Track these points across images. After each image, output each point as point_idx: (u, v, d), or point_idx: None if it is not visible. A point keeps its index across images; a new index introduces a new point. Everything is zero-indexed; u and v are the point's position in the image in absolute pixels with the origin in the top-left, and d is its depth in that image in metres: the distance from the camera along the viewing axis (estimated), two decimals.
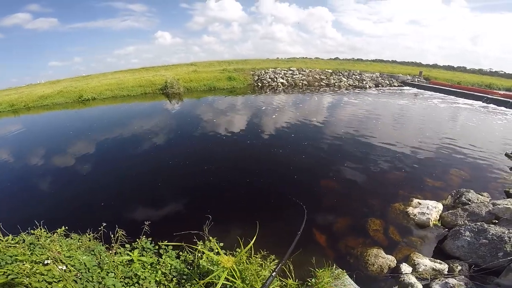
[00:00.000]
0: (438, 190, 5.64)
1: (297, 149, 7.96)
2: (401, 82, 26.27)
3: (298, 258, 3.33)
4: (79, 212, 5.05)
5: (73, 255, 2.15)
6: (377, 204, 5.13)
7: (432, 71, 35.20)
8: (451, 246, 3.81)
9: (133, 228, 2.77)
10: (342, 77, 26.04)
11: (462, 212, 4.43)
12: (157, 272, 2.37)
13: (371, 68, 33.05)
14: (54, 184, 6.46)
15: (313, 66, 30.90)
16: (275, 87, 22.71)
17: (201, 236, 2.83)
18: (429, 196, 5.28)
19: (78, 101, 19.45)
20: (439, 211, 4.69)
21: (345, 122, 11.38)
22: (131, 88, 20.97)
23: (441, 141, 8.97)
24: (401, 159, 7.28)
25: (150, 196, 5.57)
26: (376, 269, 3.57)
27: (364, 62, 45.64)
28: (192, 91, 20.92)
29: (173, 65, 36.27)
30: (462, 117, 13.67)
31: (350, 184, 5.92)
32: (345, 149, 7.98)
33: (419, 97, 19.84)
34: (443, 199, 5.19)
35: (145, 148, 8.47)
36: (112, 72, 35.82)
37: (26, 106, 19.12)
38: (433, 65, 45.38)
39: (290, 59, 43.99)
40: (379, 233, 4.34)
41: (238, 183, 5.98)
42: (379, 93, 20.99)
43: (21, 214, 4.78)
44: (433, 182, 6.00)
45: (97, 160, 7.81)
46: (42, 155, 8.51)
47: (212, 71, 26.35)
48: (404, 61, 49.04)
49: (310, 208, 4.95)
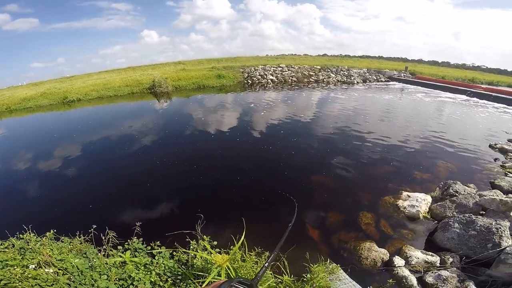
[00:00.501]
0: (426, 183, 5.76)
1: (287, 145, 7.96)
2: (388, 77, 26.77)
3: (293, 254, 3.33)
4: (68, 215, 4.90)
5: (65, 258, 2.13)
6: (368, 197, 5.20)
7: (417, 66, 36.05)
8: (441, 238, 3.88)
9: (124, 229, 2.72)
10: (330, 73, 26.26)
11: (450, 204, 4.53)
12: (151, 273, 2.34)
13: (358, 64, 33.49)
14: (41, 188, 6.24)
15: (302, 62, 31.00)
16: (264, 84, 22.68)
17: (194, 236, 2.80)
18: (418, 189, 5.39)
19: (63, 102, 18.81)
20: (428, 203, 4.78)
21: (334, 117, 11.48)
22: (118, 88, 20.44)
23: (427, 134, 9.18)
24: (390, 152, 7.40)
25: (140, 197, 5.45)
26: (370, 262, 3.61)
27: (351, 58, 46.20)
28: (181, 89, 20.62)
29: (161, 64, 35.61)
30: (447, 111, 14.06)
31: (341, 179, 5.97)
32: (334, 144, 8.05)
33: (405, 91, 20.26)
34: (431, 191, 5.30)
35: (133, 148, 8.27)
36: (97, 72, 34.82)
37: (8, 109, 18.34)
38: (418, 60, 46.53)
39: (279, 56, 43.99)
40: (371, 226, 4.39)
41: (228, 181, 5.93)
42: (366, 88, 21.31)
43: (8, 219, 4.63)
44: (421, 174, 6.12)
45: (84, 162, 7.57)
46: (27, 159, 8.18)
47: (201, 69, 26.03)
48: (390, 57, 50.06)
49: (301, 204, 4.98)
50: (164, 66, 32.74)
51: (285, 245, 3.35)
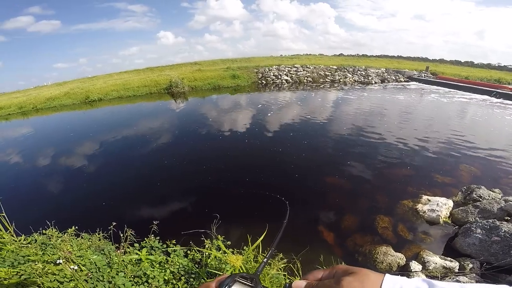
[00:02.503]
0: (448, 187, 5.55)
1: (299, 147, 7.89)
2: (407, 77, 25.93)
3: (306, 256, 3.33)
4: (89, 212, 5.11)
5: (84, 255, 2.17)
6: (385, 201, 5.08)
7: (439, 66, 34.69)
8: (461, 244, 3.75)
9: (141, 227, 2.78)
10: (347, 73, 25.79)
11: (473, 208, 4.35)
12: (165, 271, 2.37)
13: (376, 63, 32.68)
14: (64, 185, 6.56)
15: (317, 62, 30.65)
16: (279, 84, 22.62)
17: (209, 235, 2.84)
18: (439, 193, 5.20)
19: (85, 102, 19.68)
20: (449, 208, 4.61)
21: (349, 118, 11.26)
22: (137, 88, 21.12)
23: (450, 136, 8.82)
24: (409, 155, 7.18)
25: (158, 195, 5.60)
26: (385, 267, 3.54)
27: (369, 58, 45.12)
28: (197, 90, 20.99)
29: (177, 65, 36.40)
30: (470, 112, 13.43)
31: (357, 181, 5.86)
32: (350, 146, 7.91)
33: (426, 92, 19.54)
34: (453, 196, 5.11)
35: (152, 148, 8.54)
36: (117, 72, 36.12)
37: (34, 108, 19.44)
38: (440, 60, 44.75)
39: (294, 56, 43.72)
40: (388, 230, 4.29)
41: (239, 182, 5.93)
42: (385, 88, 20.76)
43: (33, 215, 4.85)
44: (443, 178, 5.91)
45: (106, 160, 7.90)
46: (51, 156, 8.65)
47: (216, 69, 26.36)
48: (410, 56, 48.47)
49: (316, 206, 4.99)
50: (181, 67, 33.44)
51: (298, 248, 3.39)
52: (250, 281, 0.51)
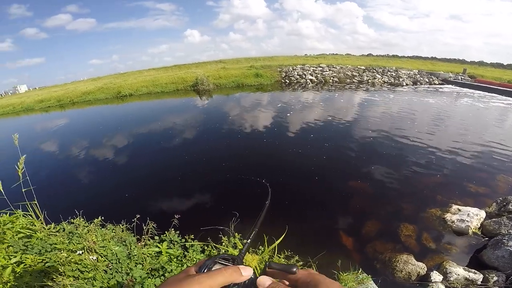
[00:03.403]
0: (481, 197, 5.17)
1: (320, 149, 7.74)
2: (442, 80, 24.34)
3: (323, 260, 3.28)
4: (115, 202, 5.34)
5: (107, 245, 2.21)
6: (411, 208, 4.85)
7: (478, 68, 32.23)
8: (489, 256, 3.51)
9: (163, 220, 2.80)
10: (376, 74, 24.81)
11: (508, 221, 4.03)
12: (182, 266, 2.39)
13: (408, 65, 31.11)
14: (93, 175, 6.95)
15: (344, 62, 29.81)
16: (303, 84, 22.32)
17: (226, 232, 2.88)
18: (471, 203, 4.87)
19: (117, 97, 20.87)
20: (480, 219, 4.31)
21: (376, 121, 10.82)
22: (165, 85, 22.00)
23: (487, 144, 8.17)
24: (440, 162, 6.76)
25: (180, 190, 5.75)
26: (404, 276, 3.40)
27: (400, 59, 43.03)
28: (221, 87, 21.38)
29: (203, 63, 37.36)
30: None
31: (382, 187, 5.63)
32: (375, 150, 7.61)
33: (462, 96, 18.22)
34: (486, 206, 4.76)
35: (175, 143, 8.85)
36: (147, 69, 37.89)
37: (71, 101, 20.99)
38: (479, 63, 41.49)
39: (320, 56, 42.89)
40: (411, 239, 4.11)
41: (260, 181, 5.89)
42: (416, 91, 19.67)
43: (63, 203, 5.11)
44: (476, 188, 5.51)
45: (132, 153, 8.31)
46: (81, 148, 9.25)
47: (240, 67, 26.67)
48: (445, 58, 45.45)
49: (336, 209, 4.89)
50: (206, 65, 34.25)
51: (315, 251, 3.35)
52: (232, 262, 0.50)
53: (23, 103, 22.40)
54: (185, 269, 0.47)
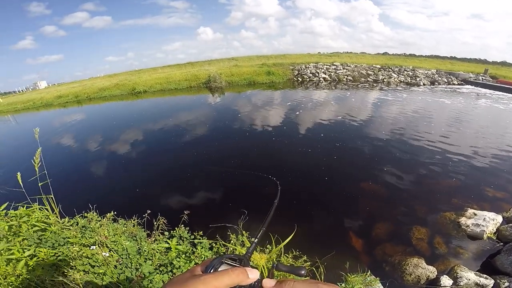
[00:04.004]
0: (499, 201, 4.96)
1: (330, 149, 7.61)
2: (461, 80, 23.38)
3: (331, 261, 3.24)
4: (127, 197, 5.43)
5: (118, 240, 2.22)
6: (424, 211, 4.71)
7: (500, 69, 30.71)
8: (503, 261, 3.37)
9: (172, 216, 2.80)
10: (392, 73, 24.16)
11: None
12: (191, 262, 2.40)
13: (426, 64, 30.10)
14: (108, 170, 7.11)
15: (359, 61, 29.21)
16: (316, 82, 22.03)
17: (235, 230, 2.87)
18: (487, 207, 4.68)
19: (132, 93, 21.38)
20: (496, 224, 4.14)
21: (390, 122, 10.50)
22: (178, 82, 22.33)
23: (506, 148, 7.82)
24: (457, 165, 6.52)
25: (190, 186, 5.80)
26: (413, 279, 3.33)
27: (417, 58, 41.69)
28: (233, 85, 21.46)
29: (215, 60, 37.61)
30: None
31: (394, 189, 5.49)
32: (388, 151, 7.41)
33: (483, 97, 17.44)
34: (504, 211, 4.57)
35: (190, 140, 8.91)
36: (161, 66, 38.54)
37: (88, 97, 21.68)
38: (501, 63, 39.56)
39: (333, 54, 42.20)
40: (423, 242, 4.01)
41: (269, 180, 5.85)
42: (434, 91, 19.00)
43: (78, 197, 5.25)
44: (494, 192, 5.29)
45: (146, 150, 8.44)
46: (94, 143, 9.51)
47: (251, 65, 26.64)
48: (465, 58, 43.63)
49: (345, 210, 4.83)
50: (219, 62, 34.44)
51: (323, 251, 3.33)
52: (239, 262, 0.50)
53: (42, 98, 23.30)
54: (191, 268, 0.47)
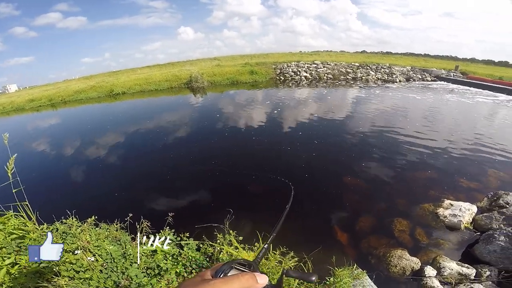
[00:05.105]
0: (473, 192, 5.27)
1: (311, 146, 7.74)
2: (435, 76, 24.62)
3: (318, 256, 3.30)
4: (108, 202, 5.29)
5: (101, 245, 2.20)
6: (405, 204, 4.91)
7: (469, 65, 32.64)
8: (481, 250, 3.57)
9: (157, 219, 2.79)
10: (370, 71, 24.96)
11: (499, 215, 4.11)
12: (178, 264, 2.39)
13: (401, 61, 31.33)
14: (86, 175, 6.86)
15: (339, 59, 29.91)
16: (298, 81, 22.32)
17: (222, 230, 2.85)
18: (463, 198, 4.95)
19: (110, 95, 20.58)
20: (472, 214, 4.39)
21: (368, 117, 10.89)
22: (158, 83, 21.77)
23: (478, 139, 8.31)
24: (432, 158, 6.86)
25: (174, 189, 5.72)
26: (398, 271, 3.45)
27: (393, 56, 43.33)
28: (215, 85, 21.23)
29: (197, 60, 37.06)
30: (503, 115, 12.53)
31: (375, 183, 5.69)
32: (367, 146, 7.67)
33: (455, 92, 18.47)
34: (478, 201, 4.85)
35: (170, 141, 8.77)
36: (140, 67, 37.41)
37: (63, 101, 20.62)
38: (471, 59, 42.11)
39: (314, 53, 42.96)
40: (405, 234, 4.17)
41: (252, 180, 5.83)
42: (409, 87, 19.86)
43: (55, 203, 5.02)
44: (468, 183, 5.61)
45: (124, 153, 8.21)
46: (74, 148, 9.13)
47: (234, 65, 26.51)
48: (438, 55, 45.99)
49: (329, 206, 4.92)
50: (201, 62, 33.97)
51: (310, 247, 3.37)
52: (248, 267, 0.49)
53: (13, 102, 21.93)
54: (201, 272, 0.48)
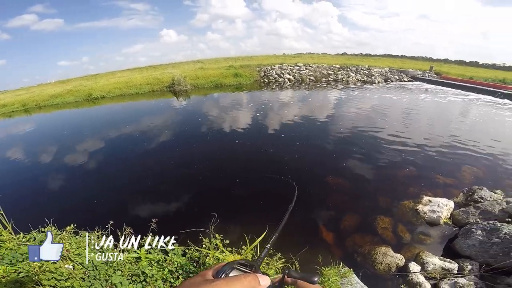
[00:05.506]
0: (449, 188, 5.51)
1: (293, 147, 7.82)
2: (411, 77, 25.73)
3: (305, 256, 3.33)
4: (88, 209, 5.12)
5: (82, 253, 2.14)
6: (386, 201, 5.06)
7: (443, 66, 34.39)
8: (461, 245, 3.73)
9: (140, 225, 2.71)
10: (350, 72, 25.65)
11: (474, 210, 4.32)
12: (164, 270, 2.37)
13: (380, 63, 32.46)
14: (63, 183, 6.58)
15: (320, 61, 30.51)
16: (281, 83, 22.54)
17: (207, 234, 2.82)
18: (440, 194, 5.17)
19: (88, 99, 19.77)
20: (450, 209, 4.58)
21: (349, 118, 11.19)
22: (139, 86, 21.18)
23: (452, 137, 8.75)
24: (411, 155, 7.13)
25: (156, 194, 5.60)
26: (384, 267, 3.53)
27: (372, 57, 44.86)
28: (199, 88, 20.99)
29: (180, 63, 36.49)
30: (474, 113, 13.30)
31: (358, 182, 5.83)
32: (351, 146, 7.86)
33: (430, 92, 19.38)
34: (454, 197, 5.08)
35: (151, 146, 8.54)
36: (120, 70, 36.30)
37: (37, 106, 19.56)
38: (444, 60, 44.42)
39: (297, 55, 43.61)
40: (388, 231, 4.28)
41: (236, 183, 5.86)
42: (388, 88, 20.62)
43: (31, 212, 4.84)
44: (444, 179, 5.87)
45: (103, 158, 7.93)
46: (49, 154, 8.70)
47: (218, 67, 26.34)
48: (414, 56, 48.14)
49: (314, 206, 4.97)
50: (184, 65, 33.48)
51: (297, 248, 3.38)
52: (250, 268, 0.49)
53: None
54: (202, 272, 0.47)
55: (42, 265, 1.82)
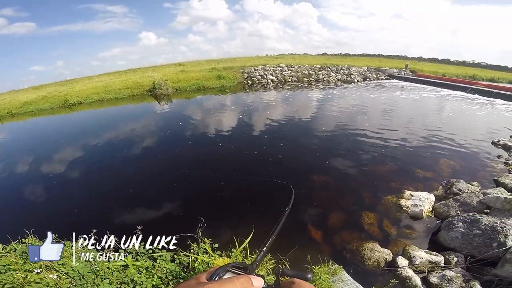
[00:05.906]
0: (429, 181, 5.72)
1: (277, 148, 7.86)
2: (388, 75, 26.68)
3: (294, 256, 3.32)
4: (69, 219, 4.92)
5: (66, 262, 2.12)
6: (370, 197, 5.16)
7: (417, 64, 35.96)
8: (445, 238, 3.85)
9: (125, 233, 2.64)
10: (330, 72, 26.20)
11: (454, 202, 4.49)
12: (153, 277, 2.35)
13: (358, 62, 33.41)
14: (41, 193, 6.24)
15: (302, 62, 30.94)
16: (265, 84, 22.64)
17: (195, 239, 2.78)
18: (421, 187, 5.35)
19: (64, 106, 18.85)
20: (431, 202, 4.74)
21: (331, 117, 11.40)
22: (118, 91, 20.45)
23: (428, 132, 9.13)
24: (391, 151, 7.35)
25: (139, 201, 5.42)
26: (373, 263, 3.58)
27: (351, 57, 46.11)
28: (181, 91, 20.60)
29: (161, 66, 35.60)
30: (448, 108, 13.99)
31: (342, 179, 5.92)
32: (334, 144, 7.99)
33: (405, 89, 20.20)
34: (434, 190, 5.26)
35: (131, 153, 8.25)
36: (98, 75, 34.88)
37: (9, 113, 18.40)
38: (418, 58, 46.52)
39: (279, 56, 43.97)
40: (374, 226, 4.36)
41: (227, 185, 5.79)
42: (366, 87, 21.25)
43: (9, 223, 4.67)
44: (424, 173, 6.08)
45: (82, 167, 7.57)
46: (25, 164, 8.19)
47: (201, 70, 25.99)
48: (390, 55, 49.96)
49: (301, 205, 4.98)
50: (164, 68, 32.74)
51: (286, 248, 3.35)
52: (244, 270, 0.49)
53: None
54: (196, 275, 0.48)
55: (26, 276, 1.83)
